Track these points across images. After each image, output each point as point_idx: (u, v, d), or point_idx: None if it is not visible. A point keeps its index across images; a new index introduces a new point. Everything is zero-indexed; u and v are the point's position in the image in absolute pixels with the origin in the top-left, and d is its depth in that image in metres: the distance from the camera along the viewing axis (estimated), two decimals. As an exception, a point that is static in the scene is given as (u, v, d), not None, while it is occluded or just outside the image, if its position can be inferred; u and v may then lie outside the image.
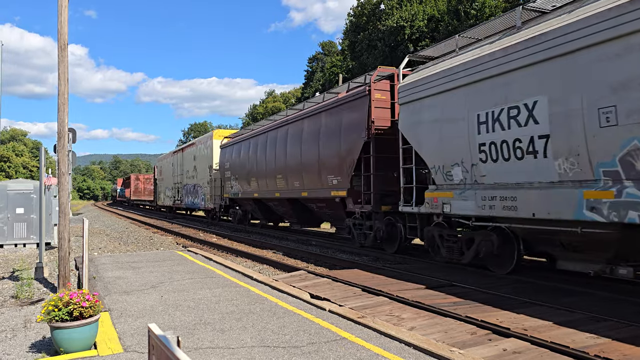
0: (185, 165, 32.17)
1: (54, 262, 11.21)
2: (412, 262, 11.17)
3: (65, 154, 7.31)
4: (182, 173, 32.97)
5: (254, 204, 20.99)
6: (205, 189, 27.46)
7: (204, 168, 27.84)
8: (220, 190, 25.20)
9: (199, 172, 28.78)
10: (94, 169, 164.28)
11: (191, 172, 30.65)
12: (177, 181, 34.46)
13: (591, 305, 6.57)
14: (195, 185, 29.39)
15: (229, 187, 23.28)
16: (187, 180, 31.51)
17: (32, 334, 5.58)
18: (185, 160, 32.32)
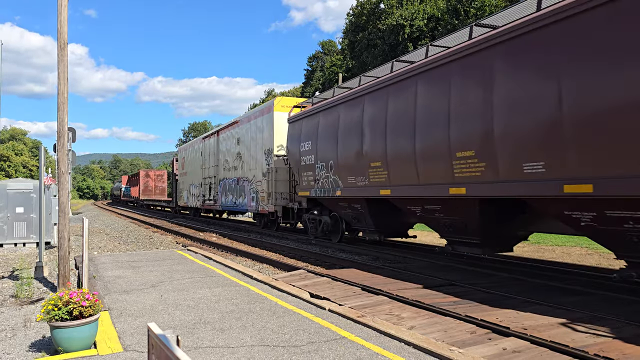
0: (223, 153, 24.63)
1: (53, 262, 11.21)
2: (411, 261, 11.17)
3: (65, 153, 7.30)
4: (216, 164, 25.50)
5: (364, 207, 12.59)
6: (257, 185, 19.70)
7: (256, 155, 19.97)
8: (286, 186, 17.99)
9: (247, 160, 21.08)
10: (93, 168, 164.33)
11: (232, 162, 23.03)
12: (208, 175, 26.80)
13: (591, 305, 6.57)
14: (240, 179, 21.88)
15: (307, 180, 14.85)
16: (225, 173, 24.15)
17: (31, 333, 5.58)
18: (223, 146, 24.79)
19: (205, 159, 27.61)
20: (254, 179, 20.18)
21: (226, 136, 24.41)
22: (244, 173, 21.61)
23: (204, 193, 27.54)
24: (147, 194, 54.33)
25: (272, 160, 18.39)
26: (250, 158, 20.69)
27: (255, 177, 20.05)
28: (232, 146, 23.26)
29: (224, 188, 24.10)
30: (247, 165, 21.17)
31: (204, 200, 27.63)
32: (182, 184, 33.74)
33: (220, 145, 25.27)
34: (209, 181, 26.68)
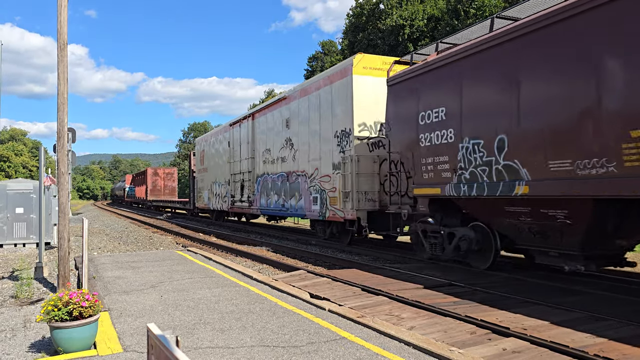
0: (262, 141, 19.20)
1: (53, 262, 11.21)
2: (411, 261, 11.17)
3: (64, 153, 7.31)
4: (251, 156, 20.11)
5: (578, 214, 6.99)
6: (323, 182, 14.40)
7: (319, 140, 14.71)
8: (373, 183, 12.86)
9: (303, 148, 15.75)
10: (93, 168, 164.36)
11: (278, 152, 17.65)
12: (239, 170, 21.48)
13: (590, 305, 6.57)
14: (292, 174, 16.48)
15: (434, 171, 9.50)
16: (265, 167, 18.79)
17: (31, 334, 5.58)
18: (261, 132, 19.27)
19: (235, 150, 22.25)
20: (317, 173, 14.72)
21: (267, 119, 18.63)
22: (297, 166, 16.06)
23: (232, 193, 22.26)
24: (155, 194, 48.77)
25: (350, 145, 12.91)
26: (309, 145, 15.29)
27: (320, 171, 14.58)
28: (276, 131, 17.70)
29: (264, 186, 18.63)
30: (303, 155, 15.70)
31: (232, 201, 22.21)
32: (202, 182, 28.04)
33: (257, 132, 19.70)
34: (240, 178, 21.33)
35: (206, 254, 12.11)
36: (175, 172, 52.22)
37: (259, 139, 19.59)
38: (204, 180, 27.70)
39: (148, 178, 49.23)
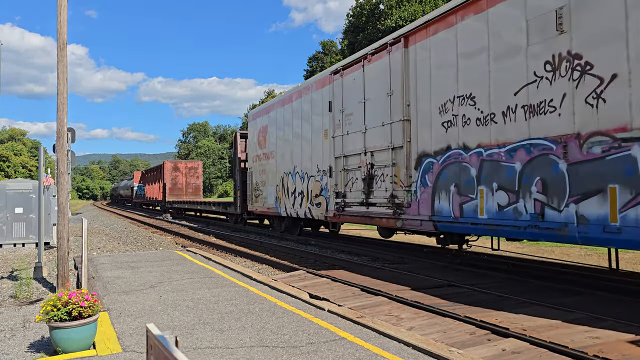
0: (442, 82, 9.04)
1: (52, 262, 11.20)
2: (411, 262, 11.17)
3: (64, 153, 7.30)
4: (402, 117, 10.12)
5: None
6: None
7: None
8: None
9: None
10: (93, 168, 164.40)
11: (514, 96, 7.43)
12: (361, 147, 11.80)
13: (590, 305, 6.57)
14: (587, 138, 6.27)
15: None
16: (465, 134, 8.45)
17: (30, 334, 5.57)
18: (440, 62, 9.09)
19: (348, 114, 12.47)
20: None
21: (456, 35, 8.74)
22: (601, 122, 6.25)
23: (340, 188, 12.86)
24: (175, 193, 39.39)
25: None
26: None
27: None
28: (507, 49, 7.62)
29: (440, 176, 9.18)
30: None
31: (341, 203, 12.77)
32: (261, 174, 19.07)
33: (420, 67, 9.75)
34: (363, 161, 11.65)
35: (205, 254, 12.11)
36: (199, 166, 42.56)
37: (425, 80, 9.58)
38: (267, 171, 18.60)
39: (166, 174, 40.07)
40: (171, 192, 39.37)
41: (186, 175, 40.78)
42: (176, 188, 39.92)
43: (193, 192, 40.53)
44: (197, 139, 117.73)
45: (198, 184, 41.47)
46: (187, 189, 40.50)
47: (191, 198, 38.45)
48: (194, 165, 41.92)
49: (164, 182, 39.83)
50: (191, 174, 41.04)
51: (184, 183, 40.56)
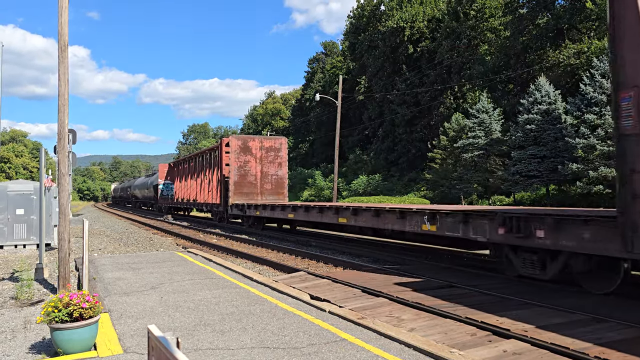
0: None
1: (54, 263, 11.20)
2: (411, 263, 11.16)
3: (65, 155, 7.31)
4: None
5: None
6: None
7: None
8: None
9: None
10: (94, 169, 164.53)
11: None
12: None
13: (592, 307, 6.56)
14: None
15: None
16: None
17: (31, 335, 5.58)
18: None
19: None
20: None
21: None
22: None
23: None
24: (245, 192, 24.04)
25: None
26: None
27: None
28: None
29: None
30: None
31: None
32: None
33: None
34: None
35: (206, 255, 12.11)
36: (283, 144, 25.45)
37: None
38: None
39: (228, 160, 24.42)
40: (239, 189, 23.67)
41: (262, 160, 24.32)
42: (246, 183, 23.94)
43: (273, 190, 24.52)
44: (197, 140, 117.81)
45: (281, 175, 24.85)
46: (264, 184, 24.37)
47: (273, 199, 23.94)
48: (275, 145, 24.84)
49: (221, 174, 25.12)
50: (270, 159, 24.54)
51: (258, 174, 24.23)
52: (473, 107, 32.46)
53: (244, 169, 23.93)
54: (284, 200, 24.02)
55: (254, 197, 23.92)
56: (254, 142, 24.47)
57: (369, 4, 54.63)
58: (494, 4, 40.59)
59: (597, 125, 22.62)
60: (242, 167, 23.90)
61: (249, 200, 23.26)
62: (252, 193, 24.01)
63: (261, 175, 24.36)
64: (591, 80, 23.48)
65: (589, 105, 23.21)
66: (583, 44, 31.32)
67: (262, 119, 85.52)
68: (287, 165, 25.14)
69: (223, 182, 24.86)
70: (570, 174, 23.64)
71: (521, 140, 26.81)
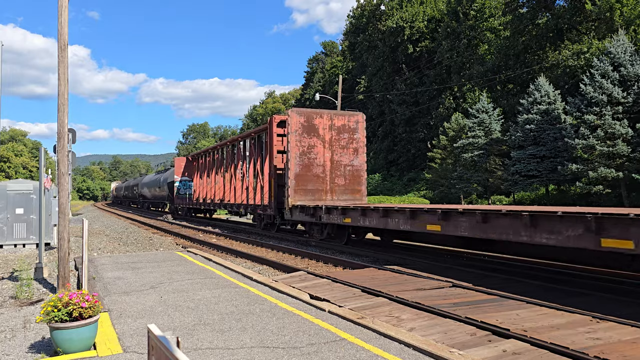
0: None
1: (53, 263, 11.20)
2: (411, 263, 11.16)
3: (65, 154, 7.30)
4: None
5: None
6: None
7: None
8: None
9: None
10: (93, 169, 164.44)
11: None
12: None
13: (591, 306, 6.56)
14: None
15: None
16: None
17: (31, 335, 5.57)
18: None
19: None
20: None
21: None
22: None
23: None
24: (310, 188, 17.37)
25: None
26: None
27: None
28: None
29: None
30: None
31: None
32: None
33: None
34: None
35: (206, 254, 12.11)
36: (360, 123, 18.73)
37: None
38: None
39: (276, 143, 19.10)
40: (301, 184, 17.27)
41: (332, 145, 17.94)
42: (311, 177, 17.51)
43: (347, 186, 18.09)
44: (197, 139, 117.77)
45: (357, 166, 18.49)
46: (335, 177, 17.94)
47: (346, 199, 17.77)
48: (350, 123, 18.39)
49: (270, 165, 19.27)
50: (343, 143, 18.15)
51: (327, 164, 17.78)
52: (473, 107, 32.49)
53: (308, 156, 17.30)
54: (362, 200, 17.92)
55: (321, 195, 17.32)
56: (321, 120, 17.64)
57: (369, 3, 54.62)
58: (493, 4, 40.60)
59: (597, 126, 22.64)
60: (306, 154, 17.26)
61: (314, 200, 16.85)
62: (318, 191, 17.27)
63: (331, 165, 17.70)
64: (591, 81, 23.48)
65: (589, 105, 23.22)
66: (583, 44, 31.34)
67: (262, 119, 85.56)
68: (365, 151, 18.56)
69: (275, 176, 18.68)
70: (570, 174, 23.67)
71: (521, 140, 26.85)
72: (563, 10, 33.21)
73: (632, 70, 22.54)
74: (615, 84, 22.67)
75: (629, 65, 22.76)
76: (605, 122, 22.21)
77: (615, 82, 22.70)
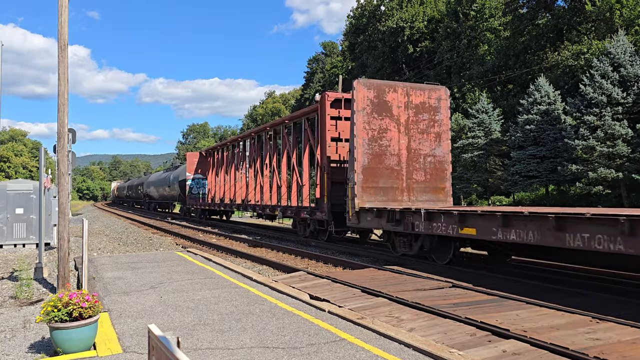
0: None
1: (53, 263, 11.20)
2: (411, 263, 11.16)
3: (64, 154, 7.31)
4: None
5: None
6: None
7: None
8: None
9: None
10: (93, 169, 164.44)
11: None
12: None
13: (591, 306, 6.56)
14: None
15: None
16: None
17: (31, 335, 5.57)
18: None
19: None
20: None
21: None
22: None
23: None
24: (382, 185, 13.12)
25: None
26: None
27: None
28: None
29: None
30: None
31: None
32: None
33: None
34: None
35: (206, 255, 12.11)
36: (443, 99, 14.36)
37: None
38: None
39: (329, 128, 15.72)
40: (371, 180, 13.13)
41: (409, 128, 13.89)
42: (383, 170, 13.34)
43: (427, 184, 14.06)
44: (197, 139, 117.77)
45: (440, 157, 14.36)
46: (413, 171, 13.84)
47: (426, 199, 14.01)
48: (430, 100, 14.33)
49: (322, 155, 15.75)
50: (422, 127, 14.14)
51: (402, 153, 13.71)
52: (473, 107, 32.50)
53: (379, 144, 13.28)
54: (447, 202, 14.09)
55: (395, 195, 13.40)
56: (394, 95, 13.63)
57: (369, 4, 54.63)
58: (493, 4, 40.61)
59: (596, 126, 22.64)
60: (376, 140, 13.24)
61: (386, 200, 13.16)
62: (392, 189, 13.35)
63: (408, 155, 13.69)
64: (591, 81, 23.49)
65: (589, 106, 23.22)
66: (583, 45, 31.35)
67: (262, 119, 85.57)
68: (449, 137, 14.39)
69: (328, 170, 15.02)
70: (570, 174, 23.68)
71: (520, 140, 26.85)
72: (563, 10, 33.22)
73: (631, 71, 22.55)
74: (615, 84, 22.68)
75: (629, 65, 22.77)
76: (605, 123, 22.21)
77: (615, 83, 22.71)
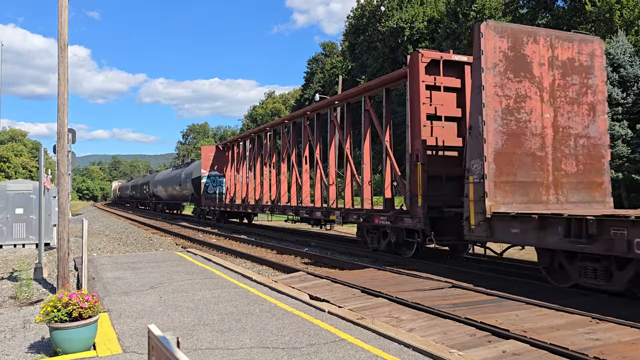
0: None
1: (53, 263, 11.20)
2: (411, 263, 11.16)
3: (64, 154, 7.31)
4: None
5: None
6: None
7: None
8: None
9: None
10: (93, 169, 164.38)
11: None
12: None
13: (591, 307, 6.56)
14: None
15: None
16: None
17: (31, 335, 5.57)
18: None
19: None
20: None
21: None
22: None
23: None
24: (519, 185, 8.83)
25: None
26: None
27: None
28: None
29: None
30: None
31: None
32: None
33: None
34: None
35: (206, 255, 12.11)
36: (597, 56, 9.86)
37: None
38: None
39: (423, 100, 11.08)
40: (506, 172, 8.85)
41: (555, 96, 9.41)
42: (522, 157, 9.03)
43: (579, 177, 9.53)
44: (196, 140, 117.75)
45: (596, 138, 9.79)
46: (562, 157, 9.38)
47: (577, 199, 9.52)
48: (580, 57, 9.73)
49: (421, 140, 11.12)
50: (572, 94, 9.58)
51: (548, 132, 9.29)
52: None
53: (516, 117, 9.26)
54: (606, 203, 10.00)
55: (538, 193, 9.32)
56: (535, 48, 9.53)
57: (369, 4, 54.66)
58: (493, 5, 40.64)
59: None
60: (512, 112, 9.24)
61: (528, 201, 9.13)
62: (533, 184, 9.27)
63: (554, 136, 9.58)
64: (591, 81, 23.47)
65: (589, 106, 23.21)
66: (582, 45, 31.34)
67: (261, 119, 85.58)
68: (606, 110, 10.17)
69: (424, 159, 11.18)
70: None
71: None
72: (563, 11, 33.24)
73: (631, 71, 22.55)
74: (614, 84, 22.68)
75: (629, 66, 22.77)
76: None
77: (614, 83, 22.71)
